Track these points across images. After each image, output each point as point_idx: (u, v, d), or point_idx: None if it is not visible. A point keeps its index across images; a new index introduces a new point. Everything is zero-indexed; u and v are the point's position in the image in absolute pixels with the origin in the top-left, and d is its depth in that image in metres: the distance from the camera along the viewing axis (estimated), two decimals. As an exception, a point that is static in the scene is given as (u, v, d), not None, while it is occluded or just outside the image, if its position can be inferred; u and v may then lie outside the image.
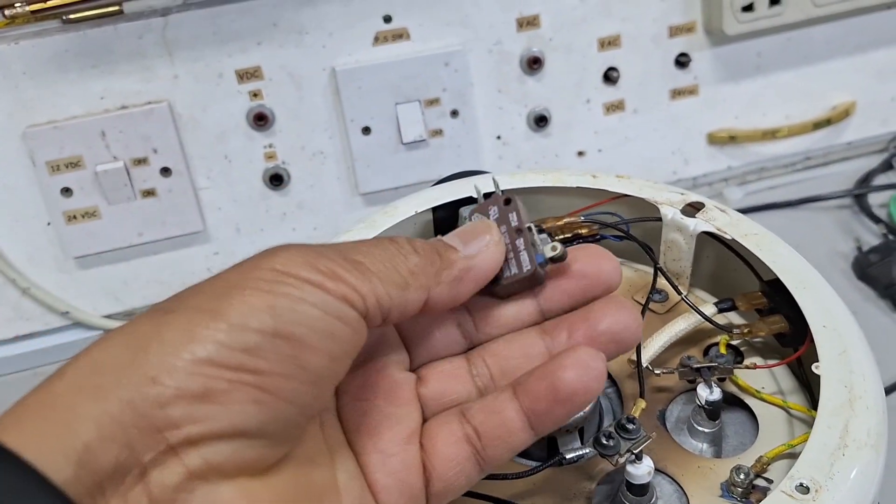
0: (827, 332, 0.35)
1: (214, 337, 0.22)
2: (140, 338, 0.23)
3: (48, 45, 0.58)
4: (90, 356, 0.23)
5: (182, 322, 0.23)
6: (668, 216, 0.44)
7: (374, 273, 0.26)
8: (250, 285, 0.24)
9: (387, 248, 0.27)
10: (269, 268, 0.24)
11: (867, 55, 0.73)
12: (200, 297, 0.24)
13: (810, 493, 0.29)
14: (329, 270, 0.25)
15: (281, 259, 0.24)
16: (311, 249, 0.25)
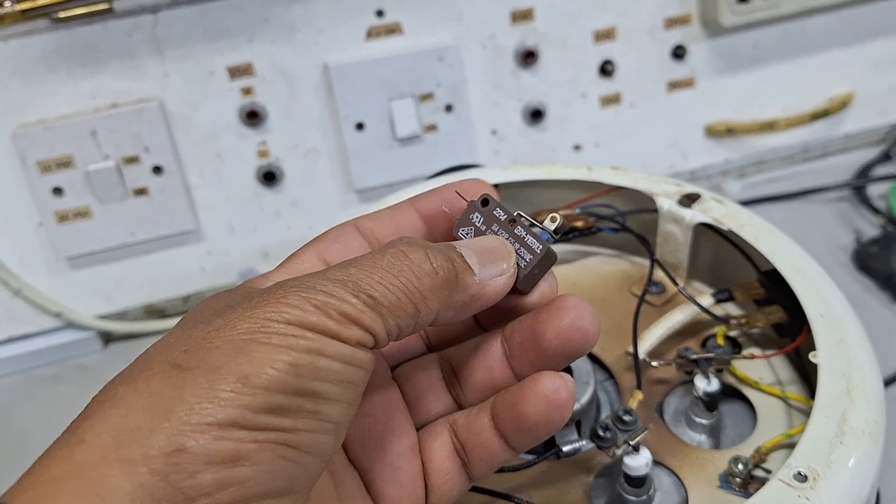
0: (824, 322, 0.35)
1: (239, 400, 0.22)
2: (160, 400, 0.22)
3: (37, 45, 0.58)
4: (109, 422, 0.22)
5: (203, 383, 0.22)
6: (664, 207, 0.44)
7: (388, 308, 0.25)
8: (267, 341, 0.23)
9: (402, 270, 0.25)
10: (282, 320, 0.23)
11: (864, 46, 0.73)
12: (217, 354, 0.23)
13: (808, 482, 0.29)
14: (343, 315, 0.24)
15: (293, 310, 0.23)
16: (321, 289, 0.24)
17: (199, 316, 0.25)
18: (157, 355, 0.24)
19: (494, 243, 0.28)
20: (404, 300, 0.25)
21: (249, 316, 0.23)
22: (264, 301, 0.24)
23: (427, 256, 0.26)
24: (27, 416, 0.61)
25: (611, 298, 0.45)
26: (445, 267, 0.26)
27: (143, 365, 0.24)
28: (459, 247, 0.28)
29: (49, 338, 0.64)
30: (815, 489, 0.29)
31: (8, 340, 0.64)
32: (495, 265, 0.28)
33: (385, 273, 0.25)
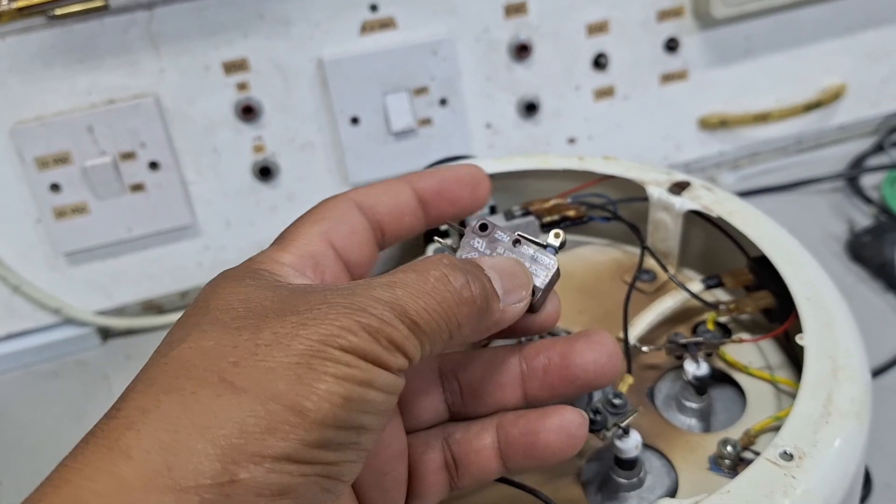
0: (811, 305, 0.35)
1: (296, 434, 0.22)
2: (214, 420, 0.21)
3: (34, 42, 0.58)
4: (158, 437, 0.21)
5: (261, 411, 0.22)
6: (654, 196, 0.44)
7: (428, 335, 0.25)
8: (323, 370, 0.22)
9: (445, 297, 0.25)
10: (336, 346, 0.23)
11: (857, 37, 0.73)
12: (272, 378, 0.22)
13: (794, 461, 0.29)
14: (391, 342, 0.24)
15: (347, 335, 0.23)
16: (372, 312, 0.24)
17: (233, 311, 0.24)
18: (199, 362, 0.23)
19: (516, 268, 0.28)
20: (443, 327, 0.25)
21: (303, 336, 0.23)
22: (314, 318, 0.23)
23: (468, 283, 0.26)
24: (27, 412, 0.61)
25: (603, 287, 0.45)
26: (482, 295, 0.26)
27: (183, 371, 0.23)
28: (487, 269, 0.27)
29: (48, 334, 0.64)
30: (801, 467, 0.29)
31: (7, 337, 0.64)
32: (516, 291, 0.28)
33: (430, 298, 0.25)
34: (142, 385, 0.23)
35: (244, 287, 0.26)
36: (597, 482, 0.36)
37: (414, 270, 0.25)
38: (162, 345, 0.25)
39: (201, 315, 0.25)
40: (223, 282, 0.26)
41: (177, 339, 0.24)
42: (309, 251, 0.28)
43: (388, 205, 0.31)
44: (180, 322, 0.26)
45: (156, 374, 0.23)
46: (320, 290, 0.25)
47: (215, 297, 0.25)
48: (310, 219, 0.30)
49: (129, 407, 0.22)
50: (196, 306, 0.26)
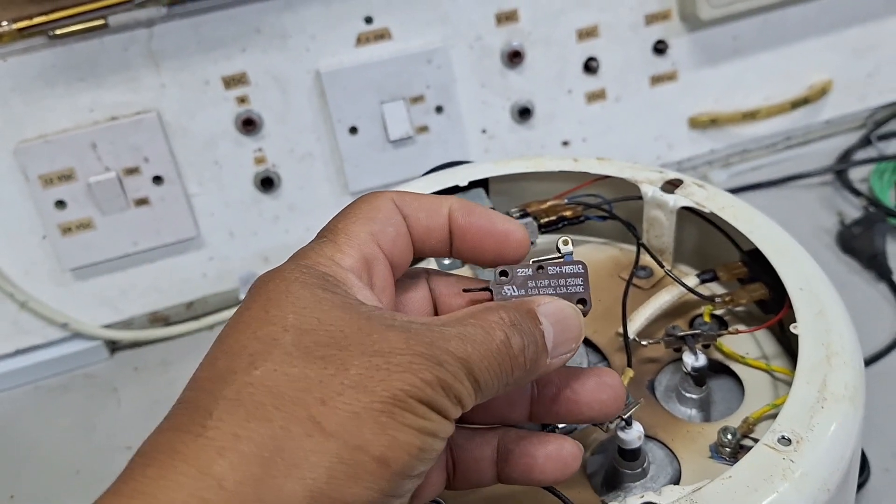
0: (804, 294, 0.37)
1: (377, 485, 0.23)
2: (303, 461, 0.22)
3: (36, 61, 0.59)
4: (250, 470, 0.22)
5: (348, 458, 0.22)
6: (648, 194, 0.46)
7: (483, 391, 0.26)
8: (403, 421, 0.23)
9: (504, 360, 0.26)
10: (416, 398, 0.24)
11: (841, 33, 0.75)
12: (357, 425, 0.23)
13: (791, 445, 0.30)
14: (458, 398, 0.25)
15: (426, 388, 0.24)
16: (448, 369, 0.24)
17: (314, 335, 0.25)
18: (287, 393, 0.23)
19: (571, 318, 0.29)
20: (496, 384, 0.26)
21: (387, 383, 0.23)
22: (398, 365, 0.24)
23: (524, 348, 0.27)
24: (37, 426, 0.62)
25: (601, 284, 0.46)
26: (532, 359, 0.27)
27: (272, 400, 0.23)
28: (542, 318, 0.28)
29: (56, 348, 0.65)
30: (799, 451, 0.30)
31: (15, 353, 0.65)
32: (566, 344, 0.29)
33: (493, 360, 0.26)
34: (228, 405, 0.23)
35: (318, 301, 0.26)
36: (602, 474, 0.37)
37: (482, 327, 0.26)
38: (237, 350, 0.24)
39: (280, 328, 0.25)
40: (295, 287, 0.26)
41: (258, 354, 0.24)
42: (363, 254, 0.28)
43: (422, 222, 0.30)
44: (252, 326, 0.25)
45: (242, 395, 0.23)
46: (400, 328, 0.25)
47: (291, 307, 0.25)
48: (358, 216, 0.29)
49: (218, 429, 0.22)
50: (268, 311, 0.25)
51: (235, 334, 0.25)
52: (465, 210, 0.31)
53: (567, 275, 0.30)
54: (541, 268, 0.30)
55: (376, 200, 0.30)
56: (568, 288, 0.30)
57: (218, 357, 0.25)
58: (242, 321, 0.26)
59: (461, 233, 0.30)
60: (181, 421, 0.23)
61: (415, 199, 0.30)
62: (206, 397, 0.23)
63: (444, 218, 0.30)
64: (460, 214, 0.30)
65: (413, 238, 0.30)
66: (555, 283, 0.30)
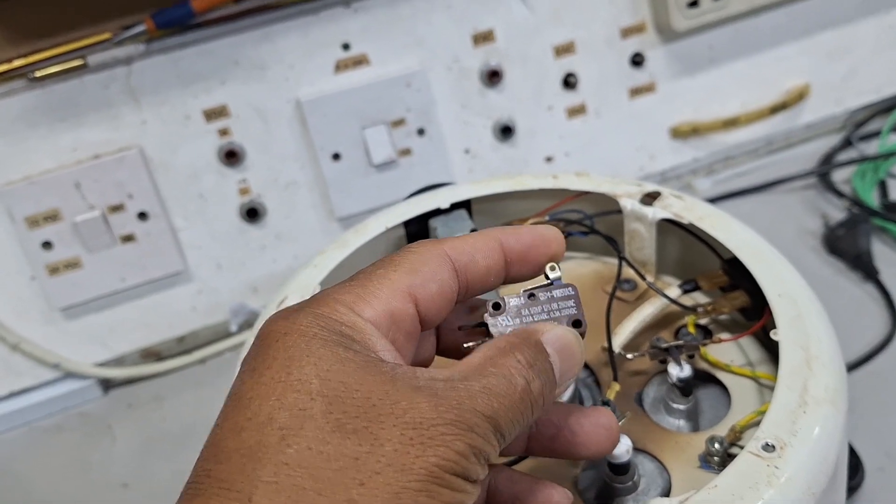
0: (782, 300, 0.37)
1: None
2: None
3: (16, 104, 0.60)
4: None
5: None
6: (627, 207, 0.46)
7: (507, 441, 0.26)
8: (441, 498, 0.24)
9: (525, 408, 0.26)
10: (449, 470, 0.24)
11: (815, 38, 0.76)
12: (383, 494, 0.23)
13: (776, 451, 0.30)
14: (486, 457, 0.25)
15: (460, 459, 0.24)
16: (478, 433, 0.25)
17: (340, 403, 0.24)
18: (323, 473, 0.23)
19: (574, 345, 0.29)
20: (517, 432, 0.26)
21: (422, 458, 0.23)
22: (430, 438, 0.24)
23: (542, 391, 0.27)
24: (33, 468, 0.62)
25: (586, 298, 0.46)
26: (548, 397, 0.27)
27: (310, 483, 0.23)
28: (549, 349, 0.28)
29: (49, 389, 0.65)
30: (783, 457, 0.31)
31: (8, 395, 0.65)
32: (570, 372, 0.29)
33: (516, 412, 0.26)
34: (267, 489, 0.23)
35: (341, 362, 0.25)
36: (594, 489, 0.37)
37: (504, 376, 0.26)
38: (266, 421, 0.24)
39: (307, 397, 0.24)
40: (315, 345, 0.25)
41: (289, 429, 0.24)
42: (391, 308, 0.28)
43: (480, 266, 0.30)
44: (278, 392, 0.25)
45: (280, 477, 0.23)
46: (426, 391, 0.25)
47: (313, 369, 0.25)
48: (401, 267, 0.28)
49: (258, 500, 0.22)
50: (290, 374, 0.25)
51: (258, 399, 0.24)
52: (514, 234, 0.31)
53: (558, 298, 0.30)
54: (532, 295, 0.30)
55: (426, 253, 0.29)
56: (561, 311, 0.30)
57: (244, 426, 0.24)
58: (263, 383, 0.25)
59: (520, 257, 0.30)
60: (214, 496, 0.23)
61: (468, 244, 0.30)
62: (240, 477, 0.23)
63: (499, 253, 0.30)
64: (513, 240, 0.30)
65: (471, 284, 0.30)
66: (547, 309, 0.30)
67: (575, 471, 0.38)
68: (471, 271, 0.30)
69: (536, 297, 0.30)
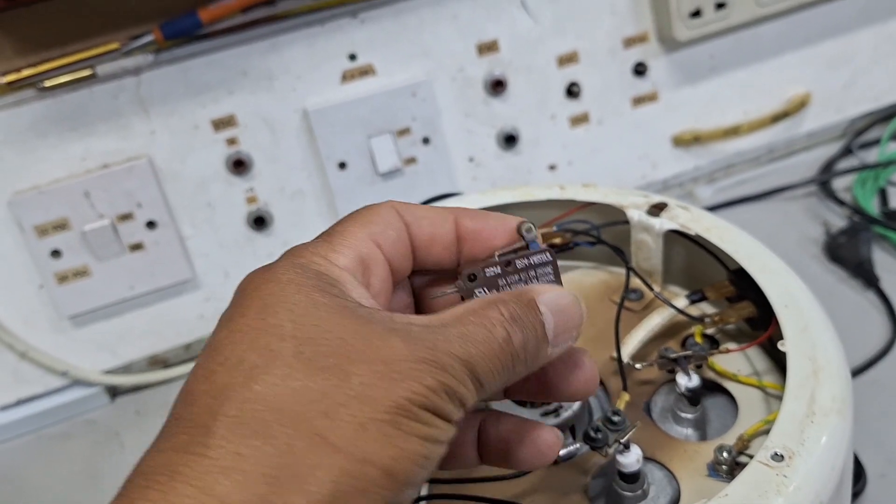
0: (789, 312, 0.37)
1: (383, 495, 0.23)
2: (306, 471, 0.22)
3: (26, 114, 0.60)
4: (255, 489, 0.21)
5: (355, 472, 0.22)
6: (634, 218, 0.47)
7: (485, 390, 0.26)
8: (409, 431, 0.23)
9: (507, 359, 0.26)
10: (421, 405, 0.23)
11: (816, 47, 0.76)
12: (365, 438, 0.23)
13: (784, 460, 0.31)
14: (461, 402, 0.25)
15: (431, 395, 0.24)
16: (452, 373, 0.24)
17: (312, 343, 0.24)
18: (290, 407, 0.23)
19: (572, 306, 0.28)
20: (497, 383, 0.26)
21: (390, 390, 0.23)
22: (399, 373, 0.24)
23: (524, 345, 0.26)
24: (41, 475, 0.62)
25: (593, 308, 0.47)
26: (532, 353, 0.27)
27: (274, 416, 0.22)
28: (542, 307, 0.27)
29: (57, 397, 0.66)
30: (792, 466, 0.31)
31: (17, 403, 0.65)
32: (567, 333, 0.28)
33: (496, 361, 0.26)
34: (230, 422, 0.22)
35: (316, 306, 0.25)
36: (604, 497, 0.38)
37: (484, 326, 0.26)
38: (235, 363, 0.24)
39: (278, 338, 0.24)
40: (290, 290, 0.25)
41: (257, 367, 0.23)
42: (360, 253, 0.28)
43: (425, 229, 0.30)
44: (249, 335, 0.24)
45: (244, 412, 0.23)
46: (401, 332, 0.25)
47: (287, 313, 0.25)
48: (357, 221, 0.29)
49: (221, 449, 0.22)
50: (265, 318, 0.25)
51: (231, 345, 0.24)
52: (471, 214, 0.31)
53: (536, 265, 0.30)
54: (509, 263, 0.29)
55: (377, 207, 0.30)
56: (539, 279, 0.29)
57: (214, 370, 0.24)
58: (238, 329, 0.25)
59: (473, 235, 0.30)
60: (182, 441, 0.23)
61: (417, 208, 0.30)
62: (205, 415, 0.23)
63: (449, 224, 0.30)
64: (468, 219, 0.30)
65: (415, 246, 0.30)
66: (525, 277, 0.29)
67: (585, 479, 0.38)
68: (415, 232, 0.30)
69: (513, 265, 0.29)
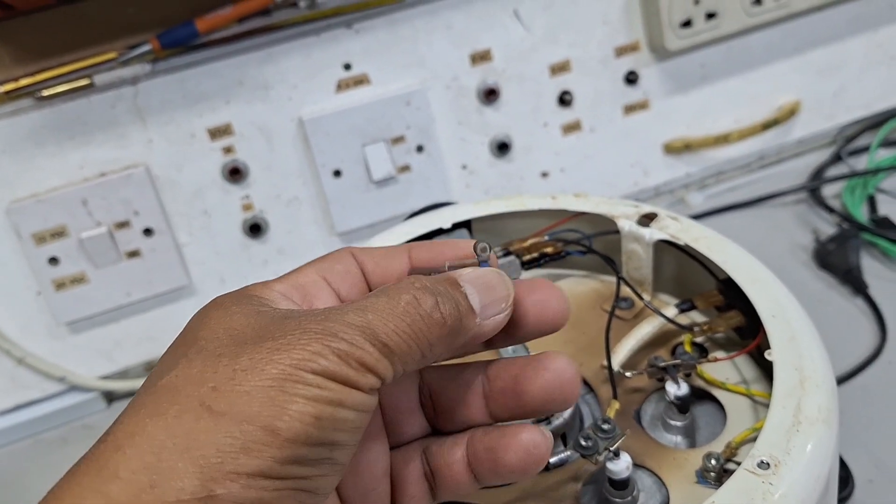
0: (776, 322, 0.38)
1: (268, 452, 0.23)
2: (194, 443, 0.23)
3: (24, 123, 0.61)
4: (143, 460, 0.23)
5: (236, 433, 0.23)
6: (625, 228, 0.47)
7: (398, 355, 0.26)
8: (294, 392, 0.24)
9: (415, 319, 0.26)
10: (307, 370, 0.24)
11: (806, 55, 0.77)
12: (247, 401, 0.24)
13: (770, 469, 0.32)
14: (361, 364, 0.25)
15: (318, 358, 0.25)
16: (342, 337, 0.25)
17: (217, 340, 0.26)
18: (183, 388, 0.24)
19: (495, 280, 0.29)
20: (413, 348, 0.26)
21: (276, 361, 0.24)
22: (288, 344, 0.25)
23: (437, 305, 0.27)
24: (38, 479, 0.63)
25: (584, 316, 0.48)
26: (453, 315, 0.27)
27: (168, 397, 0.24)
28: (463, 284, 0.28)
29: (54, 402, 0.66)
30: (777, 474, 0.32)
31: (14, 408, 0.66)
32: (495, 305, 0.29)
33: (399, 321, 0.26)
34: (131, 410, 0.25)
35: (230, 315, 0.27)
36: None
37: (386, 295, 0.27)
38: (152, 374, 0.26)
39: (189, 345, 0.26)
40: (212, 311, 0.28)
41: (165, 369, 0.26)
42: (300, 282, 0.30)
43: (380, 265, 0.32)
44: (170, 351, 0.27)
45: (144, 400, 0.25)
46: (297, 317, 0.26)
47: (203, 327, 0.27)
48: (311, 262, 0.31)
49: (118, 431, 0.24)
50: (185, 336, 0.27)
51: (159, 363, 0.27)
52: (426, 246, 0.32)
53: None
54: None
55: (334, 251, 0.32)
56: None
57: (147, 378, 0.27)
58: (167, 350, 0.27)
59: (427, 264, 0.32)
60: (101, 436, 0.25)
61: (372, 250, 0.32)
62: (127, 410, 0.25)
63: (402, 257, 0.32)
64: (422, 251, 0.32)
65: (370, 281, 0.32)
66: None
67: (576, 486, 0.39)
68: (369, 270, 0.32)
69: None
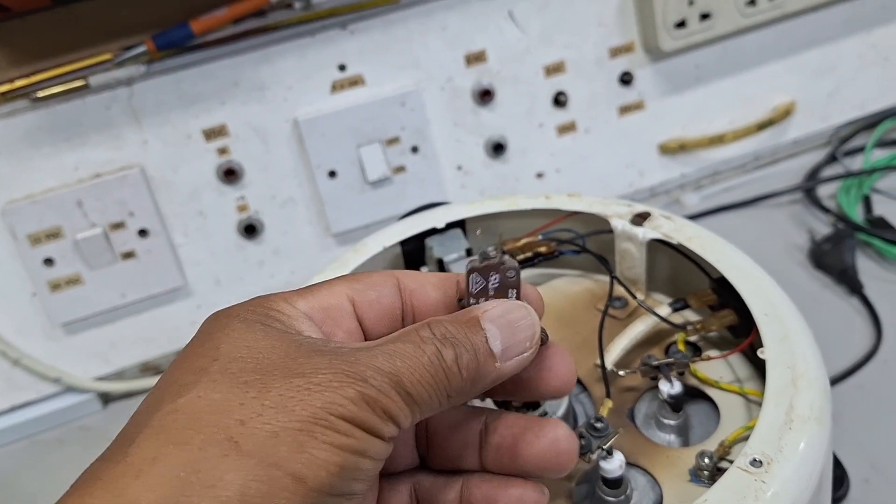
0: (769, 320, 0.38)
1: (292, 501, 0.23)
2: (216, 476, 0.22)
3: (20, 124, 0.61)
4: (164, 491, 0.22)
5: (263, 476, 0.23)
6: (618, 228, 0.47)
7: (419, 405, 0.26)
8: (323, 439, 0.23)
9: (437, 371, 0.26)
10: (337, 414, 0.24)
11: (800, 56, 0.78)
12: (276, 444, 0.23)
13: (763, 467, 0.32)
14: (386, 412, 0.25)
15: (349, 404, 0.24)
16: (373, 383, 0.25)
17: (241, 361, 0.25)
18: (207, 416, 0.23)
19: (520, 317, 0.28)
20: (434, 398, 0.26)
21: (307, 402, 0.24)
22: (319, 385, 0.24)
23: (456, 360, 0.27)
24: (35, 481, 0.63)
25: (578, 315, 0.48)
26: (471, 367, 0.27)
27: (192, 424, 0.23)
28: (485, 324, 0.28)
29: (50, 403, 0.66)
30: (770, 472, 0.32)
31: (10, 409, 0.66)
32: (518, 345, 0.28)
33: (424, 372, 0.26)
34: (151, 431, 0.23)
35: (252, 332, 0.26)
36: (588, 502, 0.38)
37: (412, 342, 0.26)
38: (170, 383, 0.25)
39: (210, 359, 0.25)
40: (234, 323, 0.27)
41: (186, 385, 0.25)
42: (325, 304, 0.29)
43: (431, 296, 0.31)
44: (188, 359, 0.26)
45: (165, 422, 0.24)
46: (327, 352, 0.25)
47: (226, 339, 0.26)
48: (348, 278, 0.30)
49: (136, 454, 0.23)
50: (203, 344, 0.26)
51: (172, 370, 0.26)
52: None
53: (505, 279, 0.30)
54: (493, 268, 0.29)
55: (377, 272, 0.31)
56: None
57: (154, 392, 0.26)
58: (181, 357, 0.26)
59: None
60: (108, 451, 0.24)
61: (420, 275, 0.31)
62: (133, 427, 0.24)
63: (451, 283, 0.31)
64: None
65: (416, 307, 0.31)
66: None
67: (570, 484, 0.39)
68: (417, 296, 0.31)
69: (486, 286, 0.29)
